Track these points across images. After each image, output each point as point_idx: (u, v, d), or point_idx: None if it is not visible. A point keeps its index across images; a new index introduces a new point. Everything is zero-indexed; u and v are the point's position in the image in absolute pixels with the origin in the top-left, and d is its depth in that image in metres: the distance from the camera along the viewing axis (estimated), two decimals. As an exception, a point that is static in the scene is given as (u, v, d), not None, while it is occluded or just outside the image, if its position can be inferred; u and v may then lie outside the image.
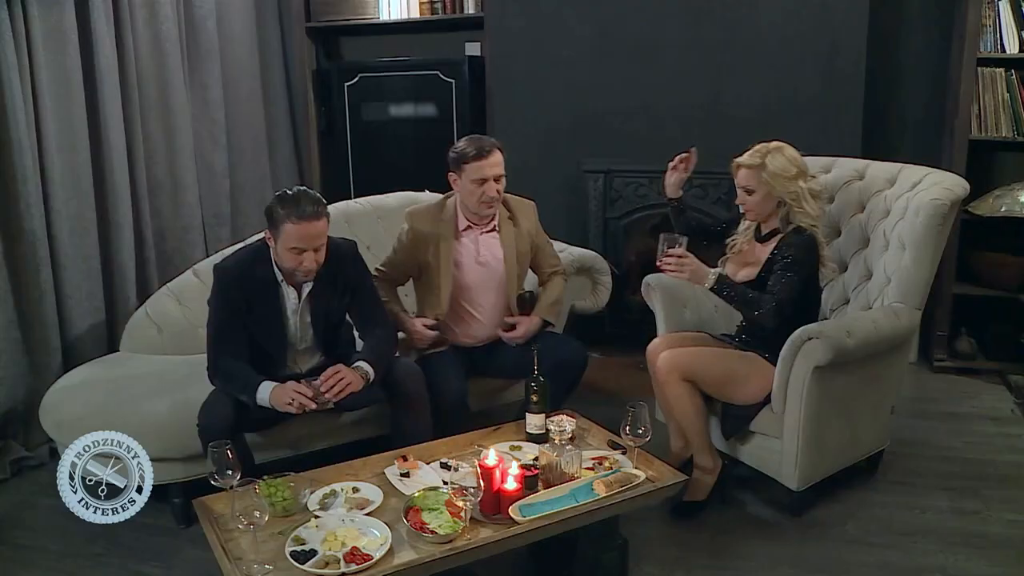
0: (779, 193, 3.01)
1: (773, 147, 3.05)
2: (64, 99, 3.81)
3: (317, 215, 2.80)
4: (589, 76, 4.65)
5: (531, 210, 3.52)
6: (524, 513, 2.39)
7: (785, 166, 3.00)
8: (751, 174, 3.03)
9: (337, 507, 2.50)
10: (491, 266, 3.41)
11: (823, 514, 3.13)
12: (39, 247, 3.69)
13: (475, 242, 3.39)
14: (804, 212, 3.01)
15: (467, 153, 3.23)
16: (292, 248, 2.81)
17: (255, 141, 5.14)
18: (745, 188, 3.07)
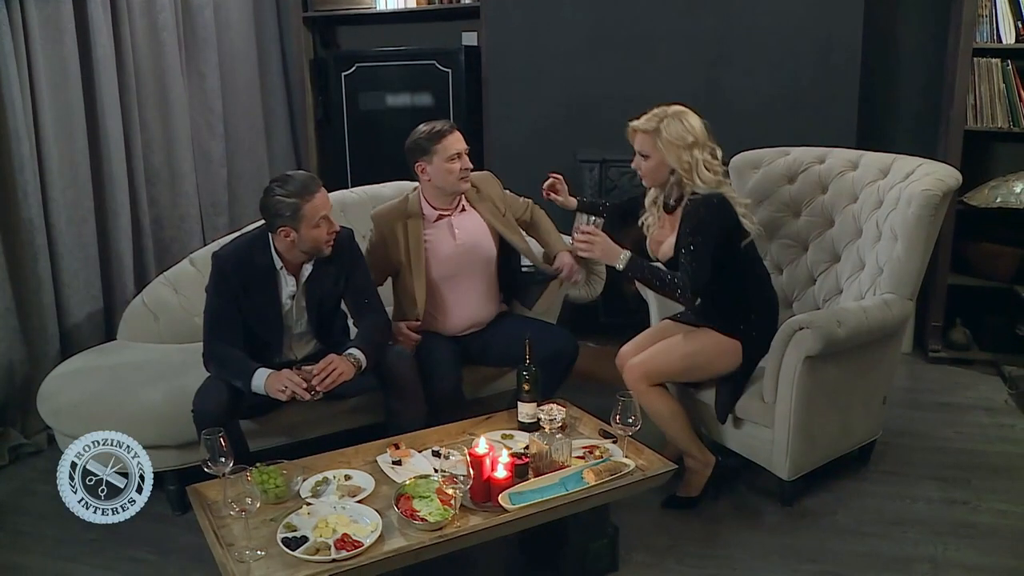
0: (672, 161, 2.92)
1: (672, 112, 2.96)
2: (61, 88, 3.82)
3: (319, 185, 2.93)
4: (585, 66, 4.65)
5: (493, 180, 3.56)
6: (514, 501, 2.42)
7: (681, 134, 2.90)
8: (646, 139, 2.96)
9: (329, 494, 2.52)
10: (474, 244, 3.40)
11: (814, 503, 3.14)
12: (37, 236, 3.71)
13: (449, 226, 3.38)
14: (695, 184, 2.92)
15: (435, 134, 3.24)
16: (320, 221, 2.89)
17: (252, 130, 5.16)
18: (640, 152, 3.00)
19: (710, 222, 2.88)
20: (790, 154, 3.65)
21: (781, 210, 3.62)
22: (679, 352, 3.08)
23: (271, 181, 2.94)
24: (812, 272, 3.57)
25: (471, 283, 3.43)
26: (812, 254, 3.57)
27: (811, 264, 3.57)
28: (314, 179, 2.94)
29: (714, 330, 3.06)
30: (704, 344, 3.06)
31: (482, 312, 3.48)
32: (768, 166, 3.66)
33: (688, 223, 2.90)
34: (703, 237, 2.86)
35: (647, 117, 2.97)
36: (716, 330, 3.05)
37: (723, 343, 3.04)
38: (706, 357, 3.07)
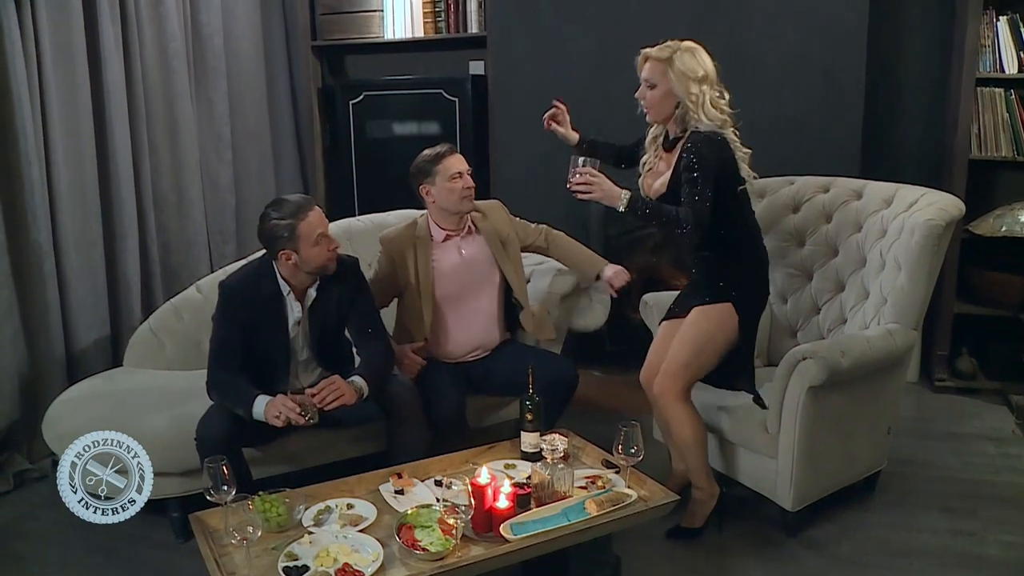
0: (679, 93, 2.89)
1: (686, 45, 2.93)
2: (72, 114, 3.87)
3: (312, 203, 2.97)
4: (591, 94, 4.67)
5: (499, 206, 3.61)
6: (515, 532, 2.41)
7: (692, 66, 2.88)
8: (656, 67, 2.92)
9: (331, 523, 2.52)
10: (479, 266, 3.44)
11: (818, 534, 3.13)
12: (45, 260, 3.74)
13: (456, 247, 3.42)
14: (700, 120, 2.89)
15: (436, 156, 3.31)
16: (318, 239, 2.91)
17: (260, 157, 5.20)
18: (648, 81, 2.95)
19: (709, 157, 2.86)
20: (794, 183, 3.67)
21: (785, 239, 3.63)
22: (681, 344, 3.03)
23: (266, 207, 2.97)
24: (816, 301, 3.57)
25: (475, 305, 3.46)
26: (816, 283, 3.57)
27: (815, 293, 3.57)
28: (308, 199, 2.98)
29: (705, 305, 3.01)
30: (698, 323, 3.01)
31: (485, 337, 3.49)
32: (772, 195, 3.67)
33: (688, 158, 2.86)
34: (702, 172, 2.83)
35: (661, 46, 2.93)
36: (707, 303, 3.01)
37: (716, 313, 2.99)
38: (707, 334, 3.00)
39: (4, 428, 3.68)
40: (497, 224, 3.51)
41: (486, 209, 3.52)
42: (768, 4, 4.34)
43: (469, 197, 3.35)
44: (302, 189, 5.57)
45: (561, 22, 4.67)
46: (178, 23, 4.43)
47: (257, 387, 2.92)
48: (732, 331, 3.01)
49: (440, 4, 5.07)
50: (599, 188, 2.88)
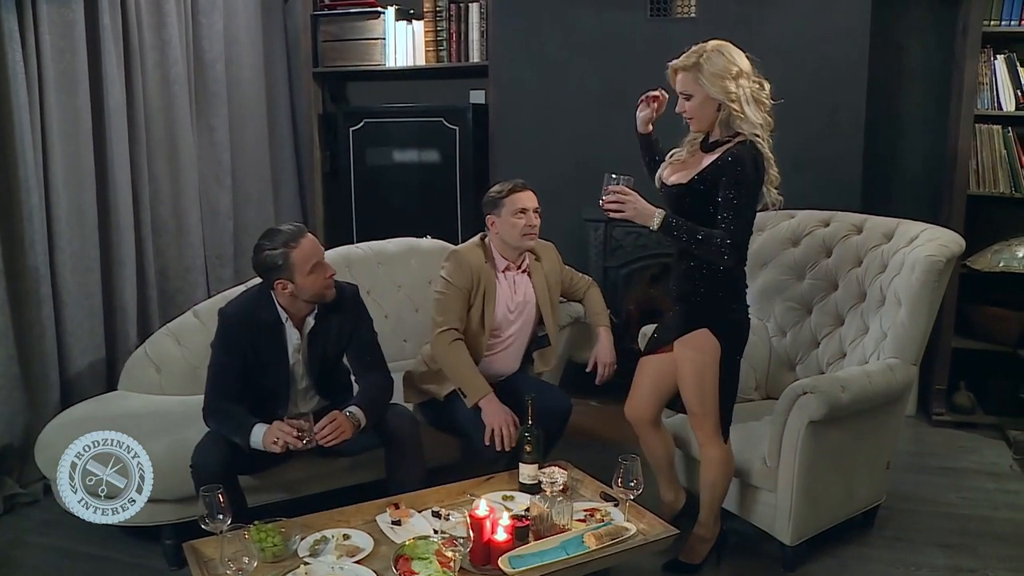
0: (717, 95, 2.77)
1: (711, 47, 2.82)
2: (72, 139, 3.87)
3: (304, 231, 2.95)
4: (590, 126, 4.70)
5: (552, 249, 3.63)
6: (514, 565, 2.39)
7: (724, 65, 2.77)
8: (687, 77, 2.82)
9: (327, 554, 2.50)
10: (523, 304, 3.46)
11: (817, 569, 3.10)
12: (42, 284, 3.73)
13: (511, 281, 3.44)
14: (744, 118, 2.77)
15: (507, 189, 3.33)
16: (313, 267, 2.90)
17: (260, 183, 5.20)
18: (683, 93, 2.86)
19: (752, 180, 2.76)
20: (795, 217, 3.68)
21: (785, 273, 3.63)
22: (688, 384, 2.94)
23: (259, 238, 2.96)
24: (816, 335, 3.56)
25: (510, 338, 3.48)
26: (816, 317, 3.57)
27: (815, 327, 3.57)
28: (300, 228, 2.96)
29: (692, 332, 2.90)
30: (695, 358, 2.89)
31: (508, 368, 3.52)
32: (772, 228, 3.68)
33: (730, 173, 2.75)
34: (746, 195, 2.75)
35: (687, 54, 2.84)
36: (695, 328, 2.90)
37: (706, 344, 2.88)
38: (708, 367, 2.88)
39: (-3, 452, 3.65)
40: (548, 267, 3.54)
41: (540, 251, 3.54)
42: (769, 41, 4.36)
43: (530, 235, 3.34)
44: (301, 215, 5.57)
45: (563, 53, 4.71)
46: (180, 49, 4.44)
47: (255, 415, 2.90)
48: (713, 361, 2.89)
49: (442, 33, 5.11)
50: (631, 206, 2.79)
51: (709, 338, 2.87)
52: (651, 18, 4.53)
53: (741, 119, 2.77)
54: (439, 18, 5.10)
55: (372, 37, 5.22)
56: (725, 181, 2.75)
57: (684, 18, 4.51)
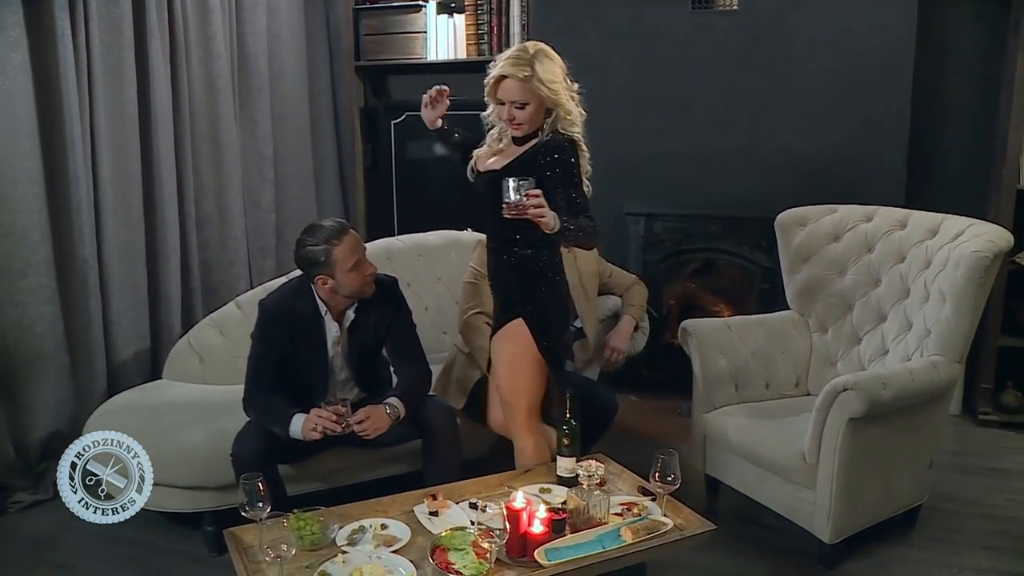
0: (552, 101, 2.78)
1: (535, 51, 2.78)
2: (120, 134, 3.94)
3: (347, 228, 2.96)
4: (631, 120, 4.67)
5: (592, 254, 3.68)
6: (550, 557, 2.39)
7: (555, 69, 2.78)
8: (522, 87, 2.75)
9: (365, 543, 2.51)
10: None
11: (856, 568, 3.07)
12: (90, 275, 3.81)
13: None
14: (570, 120, 2.83)
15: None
16: (354, 265, 2.91)
17: (302, 176, 5.24)
18: (516, 102, 2.79)
19: (576, 163, 2.85)
20: (837, 212, 3.63)
21: (827, 268, 3.59)
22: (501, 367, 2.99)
23: (301, 233, 2.99)
24: (857, 332, 3.52)
25: None
26: (858, 313, 3.53)
27: (856, 324, 3.53)
28: (343, 225, 2.97)
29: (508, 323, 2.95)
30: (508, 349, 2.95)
31: None
32: (814, 224, 3.64)
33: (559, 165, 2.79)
34: (577, 174, 2.84)
35: (513, 62, 2.76)
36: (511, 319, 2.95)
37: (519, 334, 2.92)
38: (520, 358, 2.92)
39: (46, 438, 3.73)
40: (582, 264, 3.61)
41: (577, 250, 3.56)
42: (811, 34, 4.33)
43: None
44: (342, 208, 5.61)
45: (602, 46, 4.68)
46: (224, 45, 4.49)
47: (294, 405, 2.93)
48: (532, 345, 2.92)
49: (483, 26, 5.11)
50: (549, 212, 2.67)
51: (523, 329, 2.92)
52: (693, 11, 4.49)
53: (568, 120, 2.83)
54: (480, 11, 5.11)
55: (413, 31, 5.24)
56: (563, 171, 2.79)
57: (726, 11, 4.46)
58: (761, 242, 4.44)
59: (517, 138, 2.92)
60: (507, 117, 2.83)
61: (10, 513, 3.51)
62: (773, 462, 3.11)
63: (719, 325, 3.58)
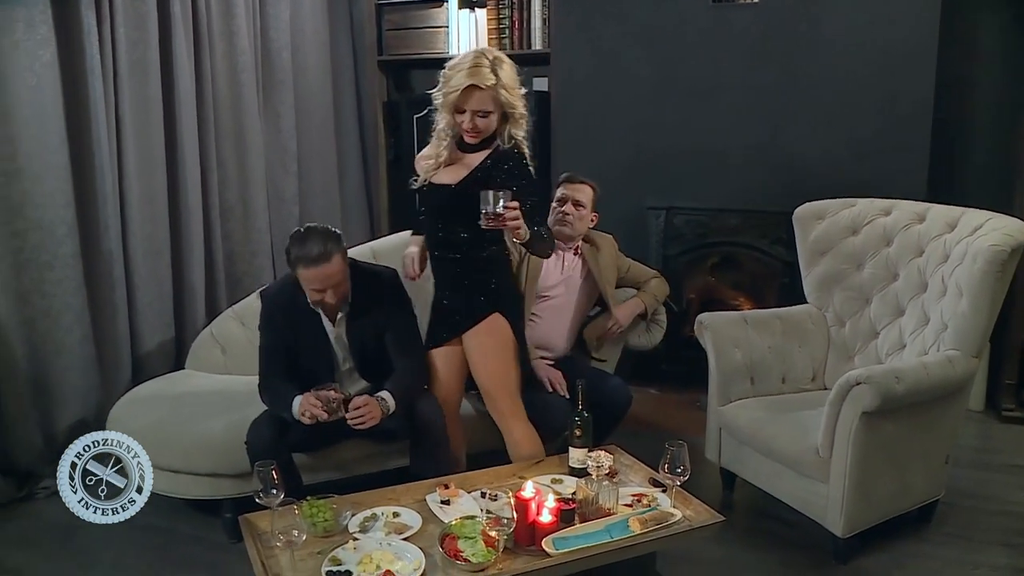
0: (510, 106, 2.81)
1: (493, 57, 2.78)
2: (144, 127, 4.01)
3: (327, 257, 2.83)
4: (651, 114, 4.68)
5: (611, 242, 3.82)
6: (557, 546, 2.41)
7: (513, 75, 2.80)
8: (487, 95, 2.76)
9: (376, 530, 2.55)
10: (570, 280, 3.68)
11: (869, 563, 3.06)
12: (115, 266, 3.88)
13: (560, 260, 3.66)
14: (521, 124, 2.87)
15: (562, 177, 3.70)
16: (316, 290, 2.90)
17: (325, 169, 5.29)
18: (481, 111, 2.79)
19: (529, 168, 2.90)
20: (855, 206, 3.62)
21: (844, 262, 3.58)
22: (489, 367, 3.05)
23: (293, 235, 2.94)
24: (875, 326, 3.51)
25: (553, 309, 3.65)
26: (875, 307, 3.51)
27: (874, 318, 3.51)
28: (323, 253, 2.82)
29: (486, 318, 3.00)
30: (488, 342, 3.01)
31: (554, 343, 3.66)
32: (832, 217, 3.62)
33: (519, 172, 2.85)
34: (533, 183, 2.91)
35: (477, 71, 2.75)
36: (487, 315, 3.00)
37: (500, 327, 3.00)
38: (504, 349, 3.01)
39: (72, 425, 3.79)
40: (602, 256, 3.72)
41: (599, 241, 3.76)
42: (833, 25, 4.30)
43: (563, 223, 3.59)
44: (366, 201, 5.66)
45: (623, 40, 4.70)
46: (248, 38, 4.55)
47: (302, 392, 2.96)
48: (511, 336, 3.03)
49: (505, 21, 5.13)
50: (524, 224, 2.74)
51: (502, 321, 3.00)
52: (714, 4, 4.48)
53: (520, 124, 2.87)
54: (501, 6, 5.11)
55: (435, 25, 5.27)
56: (514, 175, 2.83)
57: (747, 4, 4.45)
58: (781, 236, 4.42)
59: (467, 144, 2.93)
60: (468, 127, 2.83)
61: (37, 499, 3.58)
62: (787, 456, 3.11)
63: (735, 319, 3.58)
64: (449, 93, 2.81)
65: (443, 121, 2.92)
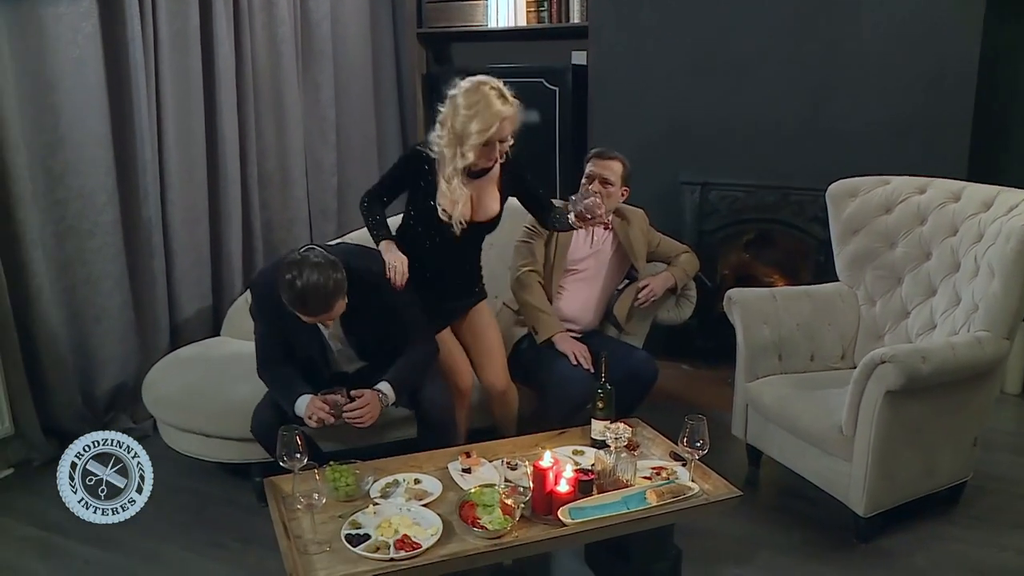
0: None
1: (500, 83, 2.97)
2: (184, 97, 4.07)
3: (327, 309, 2.72)
4: (688, 89, 4.65)
5: (642, 216, 3.79)
6: (573, 515, 2.44)
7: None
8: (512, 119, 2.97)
9: (397, 496, 2.60)
10: (599, 254, 3.68)
11: (892, 543, 3.05)
12: (154, 234, 3.97)
13: (589, 232, 3.64)
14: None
15: (591, 152, 3.66)
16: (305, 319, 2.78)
17: (364, 140, 5.33)
18: (507, 139, 2.99)
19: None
20: (889, 183, 3.57)
21: (876, 240, 3.54)
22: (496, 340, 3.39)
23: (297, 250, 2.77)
24: (906, 305, 3.47)
25: (581, 283, 3.67)
26: (907, 287, 3.47)
27: (905, 297, 3.47)
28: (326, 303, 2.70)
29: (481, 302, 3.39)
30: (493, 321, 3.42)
31: (581, 316, 3.67)
32: (865, 195, 3.58)
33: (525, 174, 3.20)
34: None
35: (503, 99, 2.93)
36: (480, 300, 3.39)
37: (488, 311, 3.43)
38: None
39: (112, 389, 3.92)
40: (633, 231, 3.71)
41: (630, 215, 3.74)
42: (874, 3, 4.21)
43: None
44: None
45: (661, 16, 4.66)
46: (288, 9, 4.58)
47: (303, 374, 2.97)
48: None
49: (543, -6, 5.11)
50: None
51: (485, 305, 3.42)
52: (755, -23, 4.43)
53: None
54: (541, -22, 5.11)
55: (475, -2, 5.28)
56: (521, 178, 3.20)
57: (787, -22, 4.38)
58: (819, 214, 4.38)
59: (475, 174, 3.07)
60: (498, 156, 3.02)
61: (78, 459, 3.71)
62: (811, 433, 3.11)
63: (765, 295, 3.56)
64: (486, 130, 2.89)
65: (457, 161, 2.97)
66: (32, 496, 3.39)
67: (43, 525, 3.18)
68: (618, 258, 3.72)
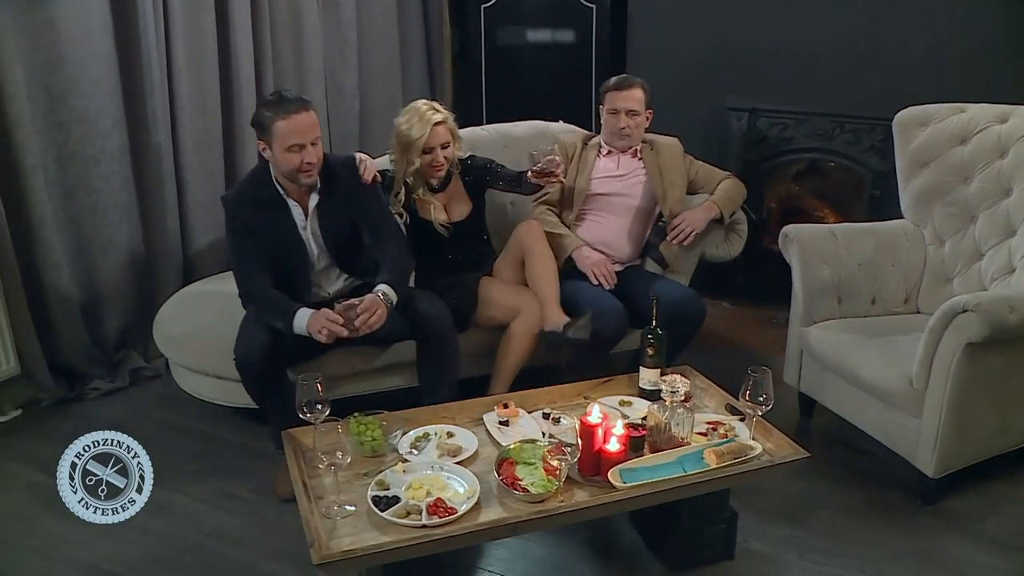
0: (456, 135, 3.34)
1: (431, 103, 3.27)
2: (194, 16, 3.77)
3: (304, 107, 2.78)
4: (733, 5, 4.31)
5: (675, 145, 3.62)
6: (625, 479, 2.23)
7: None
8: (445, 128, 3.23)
9: (428, 452, 2.39)
10: (628, 182, 3.53)
11: (960, 506, 2.82)
12: (164, 160, 3.72)
13: (616, 161, 3.53)
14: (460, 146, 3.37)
15: (608, 84, 3.51)
16: (290, 147, 2.74)
17: (387, 62, 5.02)
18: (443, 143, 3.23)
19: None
20: (965, 111, 3.26)
21: (949, 174, 3.25)
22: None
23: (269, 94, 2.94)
24: (980, 247, 3.18)
25: (612, 211, 3.54)
26: (981, 226, 3.18)
27: (979, 237, 3.19)
28: (301, 101, 2.79)
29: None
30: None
31: (615, 244, 3.53)
32: (937, 124, 3.28)
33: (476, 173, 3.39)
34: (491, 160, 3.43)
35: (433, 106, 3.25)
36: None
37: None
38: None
39: (123, 327, 3.73)
40: (664, 160, 3.55)
41: (661, 144, 3.59)
42: None
43: (620, 136, 3.49)
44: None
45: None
46: (305, -80, 4.25)
47: None
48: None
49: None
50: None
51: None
52: None
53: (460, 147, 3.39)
54: None
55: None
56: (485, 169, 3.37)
57: None
58: (875, 144, 4.09)
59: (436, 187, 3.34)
60: (442, 160, 3.25)
61: (88, 400, 3.54)
62: (875, 385, 2.85)
63: (824, 232, 3.29)
64: (423, 135, 3.16)
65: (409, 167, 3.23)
66: (40, 440, 3.23)
67: (51, 471, 2.99)
68: (651, 188, 3.51)
